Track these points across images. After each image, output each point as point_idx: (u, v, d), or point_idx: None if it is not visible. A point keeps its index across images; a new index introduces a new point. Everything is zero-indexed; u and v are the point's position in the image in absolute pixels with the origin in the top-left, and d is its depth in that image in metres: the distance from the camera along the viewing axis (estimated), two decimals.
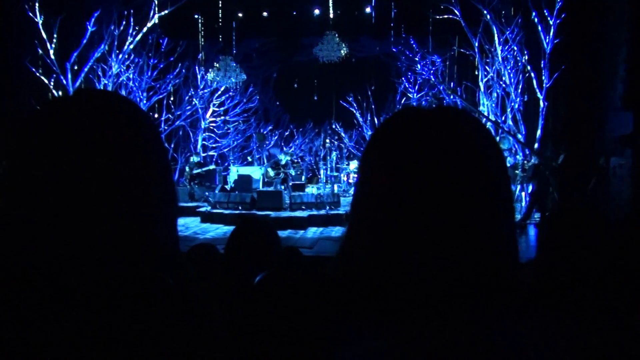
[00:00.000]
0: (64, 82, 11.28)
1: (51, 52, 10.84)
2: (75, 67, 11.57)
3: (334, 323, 0.60)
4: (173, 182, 0.77)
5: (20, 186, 0.65)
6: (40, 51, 10.66)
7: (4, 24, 9.84)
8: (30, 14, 10.34)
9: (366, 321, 0.59)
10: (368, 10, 16.96)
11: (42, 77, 10.82)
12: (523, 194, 10.53)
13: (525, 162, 10.36)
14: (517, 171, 9.95)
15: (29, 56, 10.44)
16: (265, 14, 17.57)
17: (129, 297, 0.62)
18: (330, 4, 15.79)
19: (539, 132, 11.13)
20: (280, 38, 18.89)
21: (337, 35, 13.83)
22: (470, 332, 0.57)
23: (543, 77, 10.98)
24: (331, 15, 16.12)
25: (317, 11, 16.83)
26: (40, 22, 10.52)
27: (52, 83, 11.00)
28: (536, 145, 10.95)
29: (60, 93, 11.13)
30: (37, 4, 10.32)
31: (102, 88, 12.27)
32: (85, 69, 11.71)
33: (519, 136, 11.29)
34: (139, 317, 0.62)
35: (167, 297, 0.64)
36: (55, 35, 10.82)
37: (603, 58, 9.57)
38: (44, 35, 10.68)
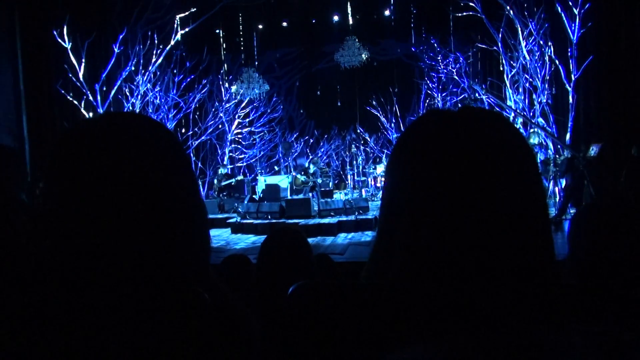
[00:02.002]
0: (94, 103, 11.64)
1: (80, 75, 11.20)
2: (104, 88, 11.93)
3: (370, 334, 0.59)
4: (201, 195, 0.78)
5: (57, 202, 0.67)
6: (70, 75, 11.04)
7: (35, 51, 10.23)
8: (59, 39, 10.72)
9: (404, 332, 0.58)
10: (387, 13, 16.94)
11: (73, 100, 11.18)
12: (556, 189, 10.27)
13: (557, 156, 10.11)
14: (549, 166, 9.71)
15: (59, 80, 10.81)
16: (284, 24, 17.76)
17: (165, 313, 0.63)
18: (349, 10, 15.83)
19: (569, 124, 10.86)
20: (301, 47, 19.05)
21: (357, 40, 13.84)
22: (513, 341, 0.55)
23: (571, 68, 10.72)
24: (350, 21, 16.16)
25: (336, 17, 16.90)
26: (69, 46, 10.89)
27: (82, 105, 11.36)
28: (567, 139, 10.68)
29: (90, 114, 11.47)
30: (65, 30, 10.69)
31: (130, 107, 12.61)
32: (114, 90, 12.05)
33: (549, 130, 11.03)
34: (174, 333, 0.62)
35: (203, 313, 0.65)
36: (83, 59, 11.19)
37: (633, 44, 9.28)
38: (73, 59, 11.05)
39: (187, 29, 12.94)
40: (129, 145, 0.69)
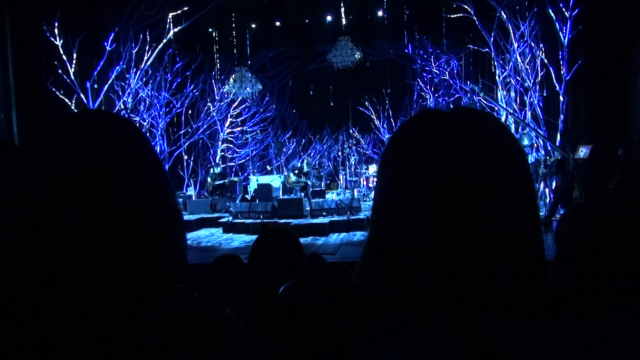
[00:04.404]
0: (85, 101, 11.54)
1: (71, 72, 11.11)
2: (95, 86, 11.84)
3: (361, 333, 0.59)
4: (174, 195, 0.78)
5: (30, 201, 0.66)
6: (61, 72, 10.94)
7: (25, 48, 10.12)
8: (50, 36, 10.62)
9: (395, 332, 0.58)
10: (380, 13, 16.98)
11: (64, 97, 11.08)
12: (547, 190, 10.35)
13: (547, 157, 10.19)
14: (539, 167, 9.79)
15: (50, 77, 10.71)
16: (277, 23, 17.73)
17: (156, 311, 0.63)
18: (342, 10, 15.84)
19: (560, 126, 10.96)
20: (294, 47, 19.03)
21: (350, 40, 13.86)
22: (503, 340, 0.56)
23: (562, 71, 10.82)
24: (344, 21, 16.17)
25: (329, 18, 16.90)
26: (60, 44, 10.79)
27: (73, 103, 11.26)
28: (557, 140, 10.77)
29: None
30: (56, 27, 10.59)
31: (121, 105, 12.52)
32: (105, 88, 11.96)
33: (540, 131, 11.12)
34: (166, 332, 0.62)
35: (194, 311, 0.65)
36: (74, 56, 11.09)
37: (622, 47, 9.37)
38: (64, 57, 10.96)
39: (179, 28, 12.89)
40: (99, 144, 0.68)
